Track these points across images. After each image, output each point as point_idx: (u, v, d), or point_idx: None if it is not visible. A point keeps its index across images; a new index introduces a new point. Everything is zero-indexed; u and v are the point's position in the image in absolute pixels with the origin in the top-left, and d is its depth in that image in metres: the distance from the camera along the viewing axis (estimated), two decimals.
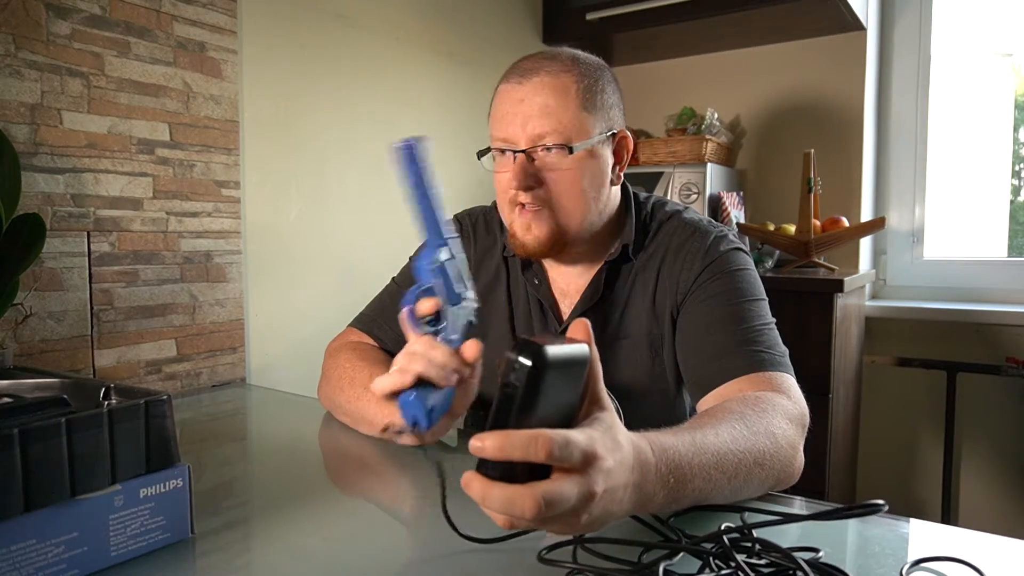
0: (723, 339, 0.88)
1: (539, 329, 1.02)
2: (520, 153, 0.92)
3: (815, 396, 0.85)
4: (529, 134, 0.91)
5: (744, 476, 0.66)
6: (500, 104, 0.94)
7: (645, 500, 0.56)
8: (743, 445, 0.67)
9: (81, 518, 0.55)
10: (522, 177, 0.91)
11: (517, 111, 0.91)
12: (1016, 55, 2.11)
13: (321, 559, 0.62)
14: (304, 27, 1.50)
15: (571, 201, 0.93)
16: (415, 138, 0.71)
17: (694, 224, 1.00)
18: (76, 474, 0.55)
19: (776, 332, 0.90)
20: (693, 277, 0.94)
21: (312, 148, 1.53)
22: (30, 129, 1.06)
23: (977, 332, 1.98)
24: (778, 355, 0.86)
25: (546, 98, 0.90)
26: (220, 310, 1.33)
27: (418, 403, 0.71)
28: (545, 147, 0.91)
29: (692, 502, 0.62)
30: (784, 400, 0.79)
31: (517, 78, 0.93)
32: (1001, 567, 0.58)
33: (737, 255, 0.96)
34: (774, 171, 2.21)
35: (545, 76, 0.91)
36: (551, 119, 0.90)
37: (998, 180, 2.14)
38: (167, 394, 0.62)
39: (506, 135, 0.93)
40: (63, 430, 0.54)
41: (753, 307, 0.91)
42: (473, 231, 1.11)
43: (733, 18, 1.93)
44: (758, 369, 0.84)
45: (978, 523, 2.01)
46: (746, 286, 0.93)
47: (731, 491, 0.65)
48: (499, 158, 0.96)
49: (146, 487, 0.60)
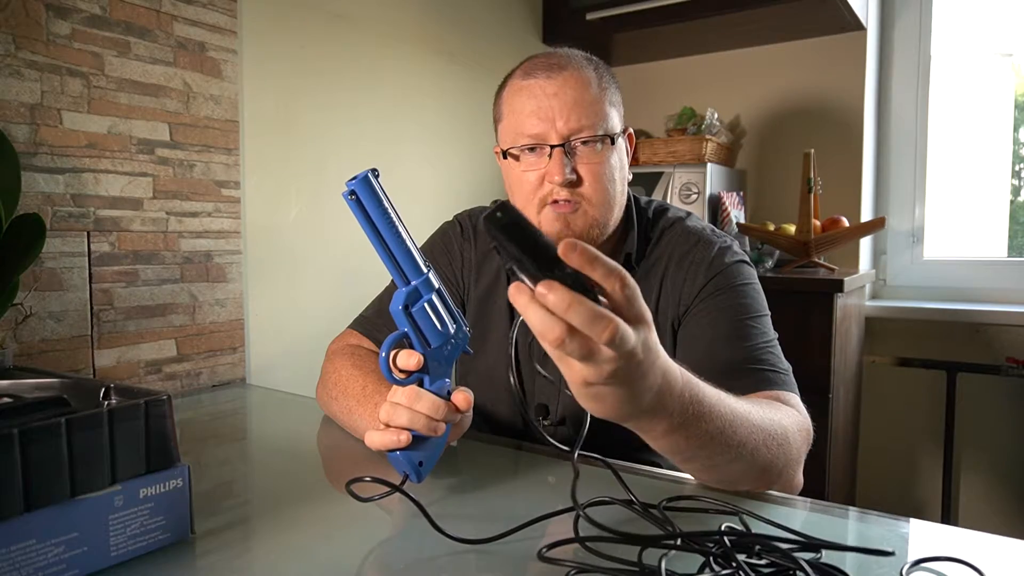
0: (728, 357, 0.86)
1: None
2: (558, 147, 0.90)
3: (815, 396, 0.86)
4: (568, 127, 0.89)
5: (751, 448, 0.67)
6: (527, 100, 0.92)
7: (661, 408, 0.57)
8: (757, 420, 0.68)
9: (81, 518, 0.55)
10: (567, 171, 0.89)
11: (551, 104, 0.89)
12: (1016, 55, 2.11)
13: (321, 559, 0.62)
14: (304, 27, 1.50)
15: (605, 196, 0.92)
16: (364, 173, 0.65)
17: (697, 233, 0.98)
18: (76, 474, 0.55)
19: (779, 349, 0.90)
20: (696, 290, 0.93)
21: (312, 148, 1.53)
22: (30, 129, 1.06)
23: (977, 332, 1.98)
24: (783, 373, 0.86)
25: (580, 92, 0.90)
26: (220, 310, 1.33)
27: (405, 460, 0.69)
28: (583, 140, 0.90)
29: (700, 443, 0.62)
30: (794, 413, 0.79)
31: (544, 73, 0.91)
32: (1001, 567, 0.58)
33: (742, 268, 0.95)
34: (774, 171, 2.21)
35: (574, 71, 0.91)
36: (588, 112, 0.89)
37: (998, 180, 2.14)
38: (167, 394, 0.62)
39: (539, 130, 0.90)
40: (63, 430, 0.54)
41: (758, 324, 0.90)
42: (474, 232, 1.10)
43: (733, 18, 1.93)
44: (765, 388, 0.83)
45: (978, 523, 2.01)
46: (750, 302, 0.92)
47: (736, 456, 0.66)
48: (524, 156, 0.93)
49: (146, 487, 0.59)
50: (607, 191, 0.92)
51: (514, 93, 0.94)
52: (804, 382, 0.88)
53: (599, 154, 0.91)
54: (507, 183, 0.98)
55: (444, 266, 1.09)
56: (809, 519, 0.71)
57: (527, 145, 0.92)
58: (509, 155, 0.94)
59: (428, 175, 1.85)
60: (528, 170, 0.92)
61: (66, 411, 0.56)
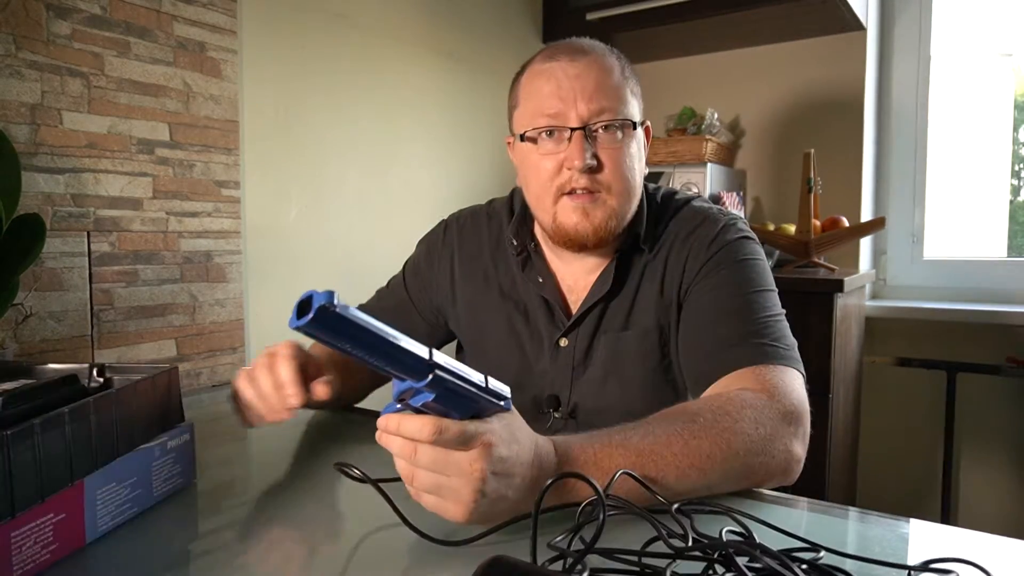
0: (726, 332, 0.84)
1: (544, 327, 0.99)
2: (578, 131, 0.86)
3: (815, 396, 0.84)
4: (588, 109, 0.86)
5: (676, 474, 0.67)
6: (547, 81, 0.88)
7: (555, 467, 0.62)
8: (680, 443, 0.68)
9: (139, 465, 0.68)
10: (587, 156, 0.86)
11: (574, 85, 0.86)
12: (1016, 55, 2.11)
13: (321, 559, 0.62)
14: (304, 27, 1.50)
15: (625, 184, 0.89)
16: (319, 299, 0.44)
17: (704, 212, 0.96)
18: (135, 431, 0.68)
19: (783, 323, 0.87)
20: (699, 265, 0.91)
21: (312, 148, 1.53)
22: (30, 129, 1.06)
23: (977, 332, 1.98)
24: (783, 347, 0.83)
25: (603, 76, 0.88)
26: (220, 310, 1.33)
27: None
28: (604, 124, 0.87)
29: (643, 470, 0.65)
30: (761, 399, 0.75)
31: (568, 56, 0.88)
32: (1007, 569, 0.58)
33: (746, 244, 0.93)
34: (774, 171, 2.21)
35: (598, 56, 0.89)
36: (610, 95, 0.87)
37: (998, 180, 2.14)
38: (175, 364, 0.79)
39: (559, 109, 0.87)
40: (133, 391, 0.69)
41: (759, 298, 0.88)
42: (458, 232, 1.08)
43: (733, 18, 1.93)
44: (760, 362, 0.80)
45: (978, 523, 2.01)
46: (754, 275, 0.90)
47: (664, 487, 0.66)
48: (542, 141, 0.89)
49: (171, 440, 0.73)
50: (628, 180, 0.89)
51: (534, 76, 0.91)
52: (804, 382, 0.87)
53: (620, 141, 0.88)
54: (522, 172, 0.95)
55: (425, 278, 1.09)
56: (809, 519, 0.70)
57: (545, 127, 0.88)
58: (526, 139, 0.91)
59: (428, 174, 1.85)
60: (546, 155, 0.89)
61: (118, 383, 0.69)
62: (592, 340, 0.96)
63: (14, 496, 0.53)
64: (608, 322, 0.96)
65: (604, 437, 0.67)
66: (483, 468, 0.56)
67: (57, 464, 0.57)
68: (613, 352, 0.95)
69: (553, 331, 0.98)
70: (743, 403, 0.74)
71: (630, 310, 0.95)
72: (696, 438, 0.68)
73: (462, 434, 0.55)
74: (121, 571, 0.58)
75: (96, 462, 0.62)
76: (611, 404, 0.95)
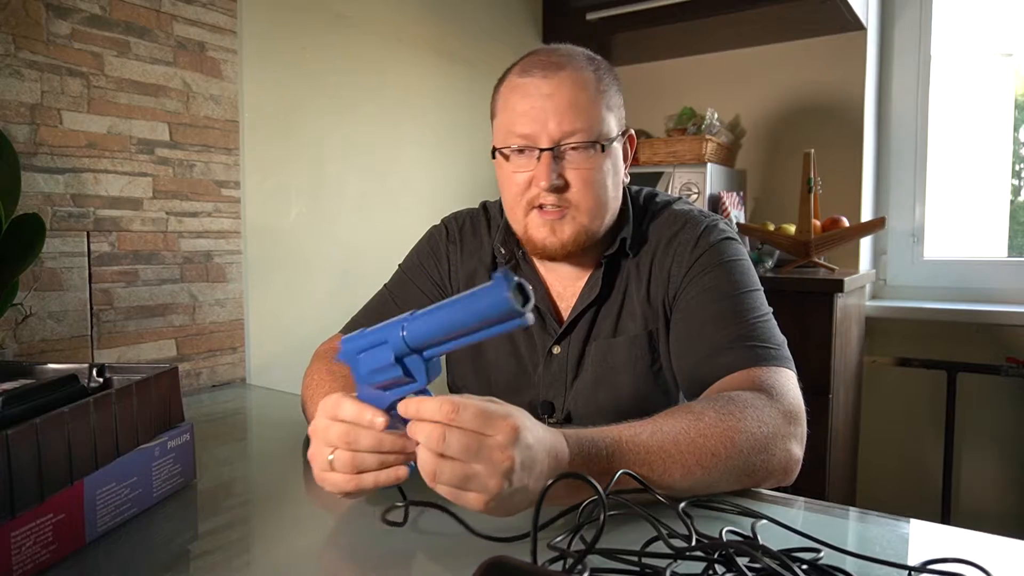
0: (716, 336, 0.85)
1: (536, 334, 0.99)
2: (547, 151, 0.87)
3: (815, 396, 0.85)
4: (560, 130, 0.87)
5: (682, 471, 0.67)
6: (521, 99, 0.89)
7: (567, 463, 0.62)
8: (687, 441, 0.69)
9: (139, 465, 0.69)
10: (553, 176, 0.87)
11: (545, 106, 0.87)
12: (1016, 55, 2.11)
13: (321, 559, 0.62)
14: (304, 27, 1.50)
15: (595, 201, 0.90)
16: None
17: (684, 215, 0.97)
18: (136, 430, 0.69)
19: (771, 323, 0.88)
20: (684, 271, 0.92)
21: (312, 148, 1.53)
22: (30, 129, 1.06)
23: (977, 332, 1.98)
24: (773, 347, 0.84)
25: (576, 94, 0.87)
26: (220, 310, 1.33)
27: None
28: (573, 146, 0.87)
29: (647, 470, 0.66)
30: (761, 399, 0.76)
31: (541, 72, 0.88)
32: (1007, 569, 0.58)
33: (728, 245, 0.93)
34: (774, 171, 2.21)
35: (572, 71, 0.88)
36: (582, 115, 0.87)
37: (998, 180, 2.14)
38: (175, 365, 0.78)
39: (530, 131, 0.88)
40: (133, 391, 0.69)
41: (747, 299, 0.88)
42: (459, 235, 1.08)
43: (733, 18, 1.93)
44: (752, 364, 0.81)
45: (978, 523, 2.01)
46: (738, 277, 0.90)
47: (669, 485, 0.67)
48: (514, 157, 0.90)
49: (170, 440, 0.73)
50: (597, 197, 0.90)
51: (510, 91, 0.91)
52: (804, 382, 0.87)
53: (591, 160, 0.88)
54: (498, 181, 0.97)
55: (431, 269, 1.08)
56: (809, 519, 0.70)
57: (517, 146, 0.89)
58: (500, 154, 0.93)
59: (427, 174, 1.85)
60: (517, 171, 0.91)
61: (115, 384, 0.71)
62: (584, 347, 0.97)
63: (14, 496, 0.53)
64: (599, 328, 0.97)
65: (614, 432, 0.67)
66: (514, 456, 0.55)
67: (57, 464, 0.57)
68: (603, 359, 0.96)
69: (546, 339, 0.99)
70: (745, 403, 0.74)
71: (618, 316, 0.97)
72: (702, 436, 0.69)
73: (483, 412, 0.55)
74: (121, 571, 0.58)
75: (96, 462, 0.62)
76: (603, 410, 0.96)
